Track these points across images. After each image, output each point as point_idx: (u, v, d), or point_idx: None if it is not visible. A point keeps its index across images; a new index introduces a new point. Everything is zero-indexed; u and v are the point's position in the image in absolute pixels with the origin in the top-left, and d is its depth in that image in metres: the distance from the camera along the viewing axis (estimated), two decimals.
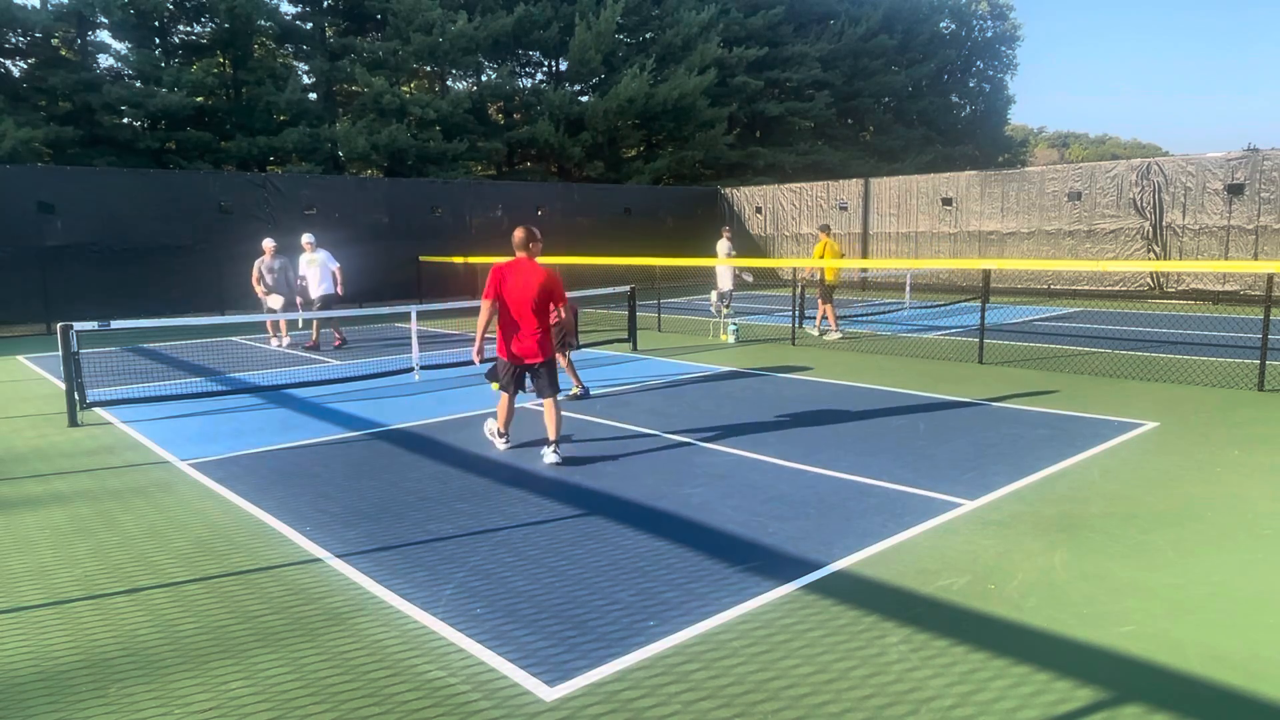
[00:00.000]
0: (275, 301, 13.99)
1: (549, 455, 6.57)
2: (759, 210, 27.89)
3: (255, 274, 14.01)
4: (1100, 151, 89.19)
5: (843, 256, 16.30)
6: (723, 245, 18.36)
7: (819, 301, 14.55)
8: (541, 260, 6.72)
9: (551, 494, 5.86)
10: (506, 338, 6.54)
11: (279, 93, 27.93)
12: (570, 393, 9.35)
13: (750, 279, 18.48)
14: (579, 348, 9.66)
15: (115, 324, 9.22)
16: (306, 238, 13.89)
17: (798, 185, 27.13)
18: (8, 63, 25.74)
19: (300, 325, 15.86)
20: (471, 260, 21.16)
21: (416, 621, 3.95)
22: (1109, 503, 5.43)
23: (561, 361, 9.29)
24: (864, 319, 17.06)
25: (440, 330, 16.39)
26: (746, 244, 28.05)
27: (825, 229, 14.86)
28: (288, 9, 31.34)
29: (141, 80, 26.48)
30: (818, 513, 5.34)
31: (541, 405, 6.77)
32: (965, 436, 7.23)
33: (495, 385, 6.92)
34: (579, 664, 3.53)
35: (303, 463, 6.80)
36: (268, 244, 14.10)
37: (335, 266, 13.85)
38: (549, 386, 6.68)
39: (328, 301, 13.66)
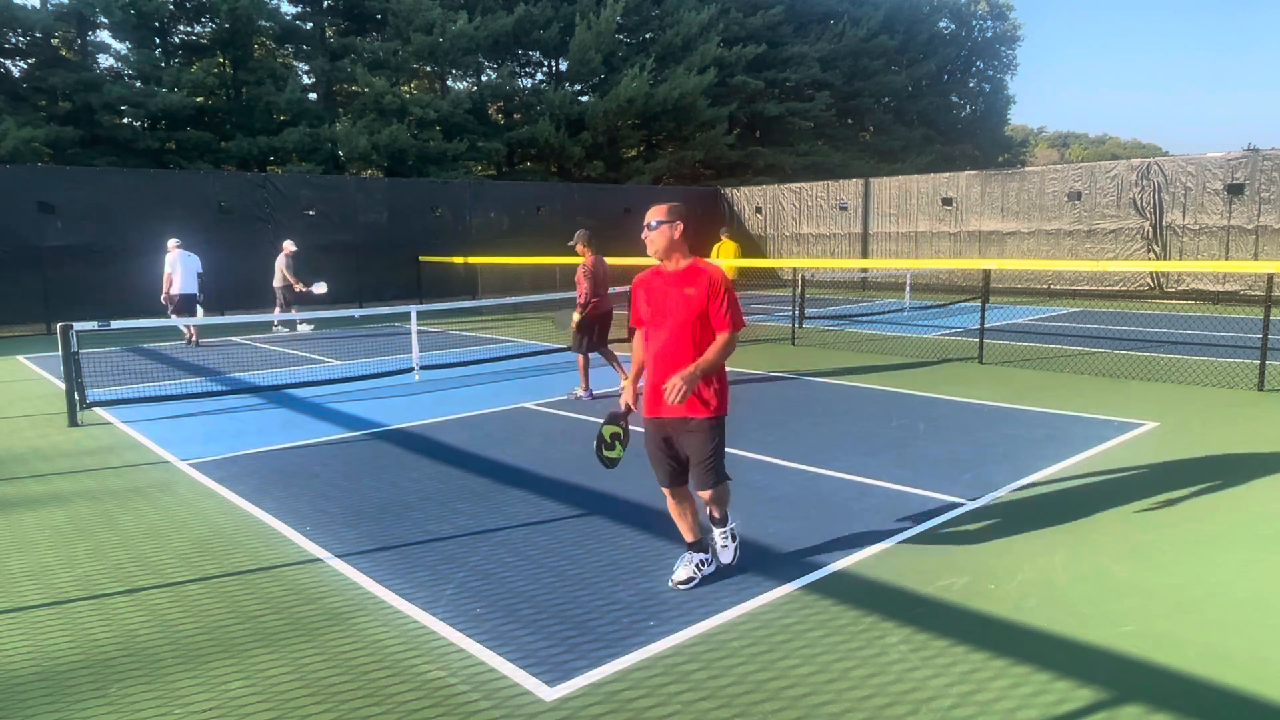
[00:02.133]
0: (320, 289, 16.08)
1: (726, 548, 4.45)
2: (759, 210, 27.90)
3: (291, 272, 16.05)
4: (1100, 151, 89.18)
5: (740, 256, 19.34)
6: None
7: None
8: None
9: (551, 494, 5.86)
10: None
11: (279, 93, 27.95)
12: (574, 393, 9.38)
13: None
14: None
15: (115, 324, 9.23)
16: (174, 241, 14.79)
17: (798, 185, 27.14)
18: (8, 63, 25.75)
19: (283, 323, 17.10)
20: (472, 260, 21.17)
21: (416, 621, 3.95)
22: (1109, 503, 5.42)
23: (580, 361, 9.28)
24: (864, 319, 17.06)
25: (441, 330, 16.39)
26: (747, 244, 28.05)
27: (724, 230, 18.54)
28: (288, 9, 31.38)
29: (142, 80, 26.50)
30: (818, 513, 5.34)
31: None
32: (965, 436, 7.23)
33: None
34: (579, 664, 3.53)
35: (303, 463, 6.79)
36: (288, 245, 16.23)
37: (199, 270, 14.89)
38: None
39: (189, 302, 14.60)
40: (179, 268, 14.42)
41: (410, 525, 5.26)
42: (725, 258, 17.97)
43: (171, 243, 14.71)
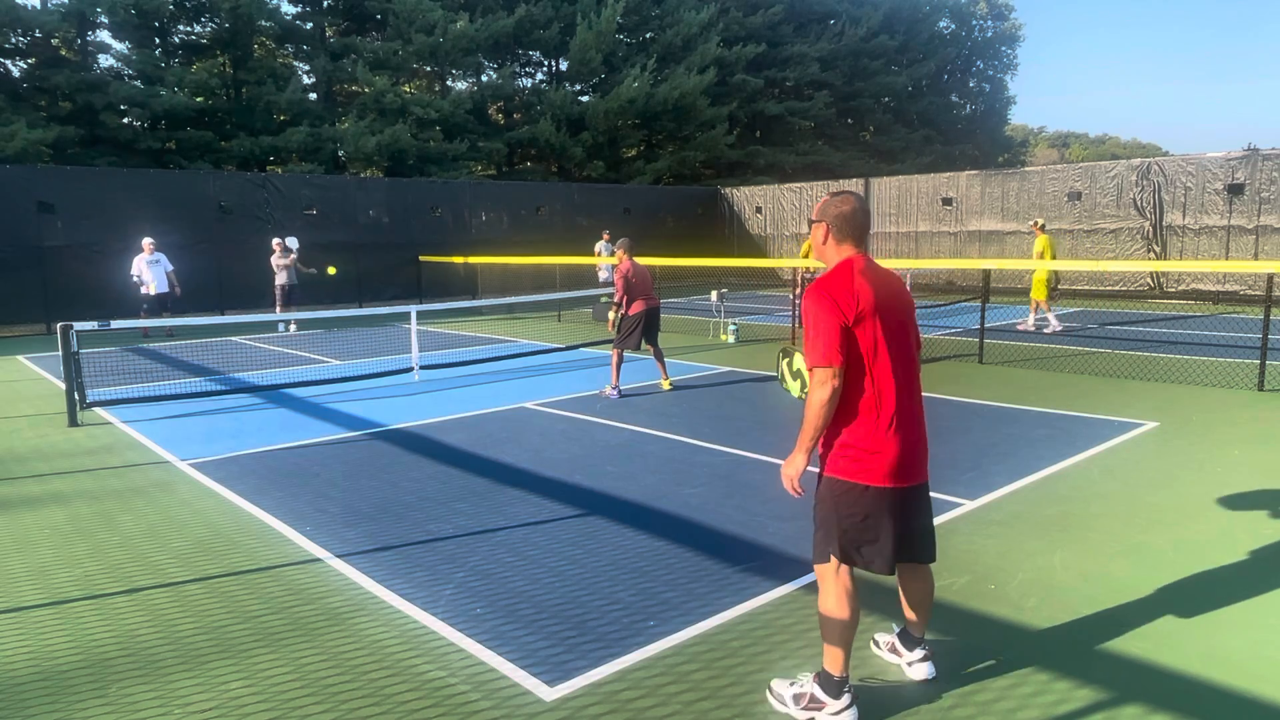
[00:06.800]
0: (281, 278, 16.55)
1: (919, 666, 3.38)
2: (759, 210, 27.90)
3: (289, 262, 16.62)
4: (1100, 151, 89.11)
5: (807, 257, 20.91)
6: (601, 245, 20.04)
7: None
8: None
9: (551, 494, 5.86)
10: (883, 426, 3.06)
11: (279, 93, 27.95)
12: (604, 391, 9.45)
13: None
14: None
15: (115, 324, 9.24)
16: (147, 240, 15.76)
17: (798, 185, 27.14)
18: (8, 63, 25.75)
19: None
20: (472, 260, 21.18)
21: (416, 621, 3.95)
22: (1109, 503, 5.42)
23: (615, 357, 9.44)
24: None
25: (441, 330, 16.39)
26: (747, 244, 28.06)
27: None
28: (288, 9, 31.37)
29: (143, 80, 26.50)
30: None
31: None
32: (965, 436, 7.22)
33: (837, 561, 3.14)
34: (579, 664, 3.53)
35: (303, 463, 6.79)
36: (276, 242, 16.59)
37: (170, 269, 15.89)
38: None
39: (165, 300, 15.64)
40: (155, 269, 15.54)
41: (410, 525, 5.26)
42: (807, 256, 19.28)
43: (154, 242, 15.79)
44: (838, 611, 3.07)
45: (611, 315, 9.47)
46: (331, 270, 15.45)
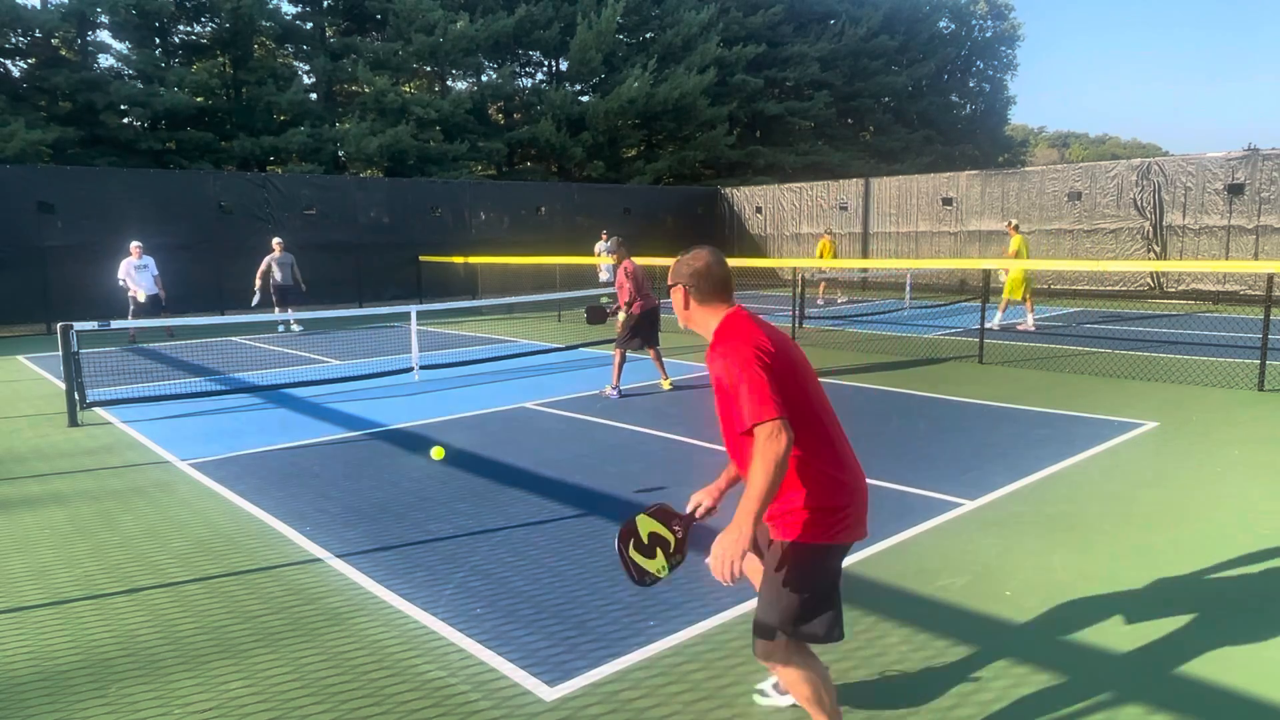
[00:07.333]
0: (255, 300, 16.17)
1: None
2: (759, 210, 27.90)
3: (263, 267, 16.11)
4: (1100, 151, 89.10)
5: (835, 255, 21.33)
6: (601, 245, 20.10)
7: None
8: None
9: (551, 494, 5.86)
10: (843, 475, 2.73)
11: (280, 93, 27.96)
12: (604, 391, 9.45)
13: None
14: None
15: (115, 324, 9.24)
16: (135, 245, 15.27)
17: (798, 185, 27.14)
18: (8, 63, 25.76)
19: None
20: (472, 260, 21.19)
21: (416, 621, 3.95)
22: (1109, 503, 5.42)
23: (617, 356, 9.45)
24: (864, 319, 17.07)
25: (441, 330, 16.39)
26: (747, 244, 28.05)
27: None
28: (288, 9, 31.39)
29: (143, 80, 26.51)
30: None
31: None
32: (965, 436, 7.22)
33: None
34: (579, 664, 3.53)
35: (303, 463, 6.79)
36: (276, 242, 16.30)
37: (156, 274, 15.43)
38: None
39: (154, 302, 15.34)
40: (143, 273, 15.19)
41: (410, 525, 5.26)
42: (827, 258, 19.97)
43: (142, 246, 15.37)
44: (811, 679, 2.72)
45: (622, 316, 9.43)
46: (439, 454, 10.54)
